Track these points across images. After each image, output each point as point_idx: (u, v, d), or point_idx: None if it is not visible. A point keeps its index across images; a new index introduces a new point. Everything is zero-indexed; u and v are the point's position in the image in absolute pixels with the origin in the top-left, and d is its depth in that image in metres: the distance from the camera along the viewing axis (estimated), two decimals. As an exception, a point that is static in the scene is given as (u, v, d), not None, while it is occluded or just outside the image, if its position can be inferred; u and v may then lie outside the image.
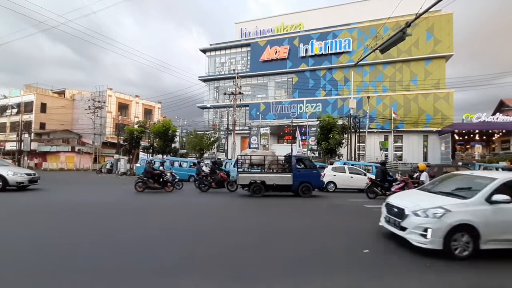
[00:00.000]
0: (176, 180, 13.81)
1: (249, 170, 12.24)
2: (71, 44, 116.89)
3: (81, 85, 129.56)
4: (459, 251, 4.34)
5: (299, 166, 12.26)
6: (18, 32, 50.59)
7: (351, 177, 14.53)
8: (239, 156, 12.89)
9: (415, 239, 4.53)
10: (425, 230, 4.41)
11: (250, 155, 12.69)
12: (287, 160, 12.74)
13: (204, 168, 15.37)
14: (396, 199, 5.48)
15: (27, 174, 11.98)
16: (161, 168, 13.27)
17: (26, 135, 39.49)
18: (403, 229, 4.74)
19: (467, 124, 30.05)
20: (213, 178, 13.39)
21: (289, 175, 11.84)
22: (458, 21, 36.07)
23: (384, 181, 11.24)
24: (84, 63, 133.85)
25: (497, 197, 4.43)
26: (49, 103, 44.26)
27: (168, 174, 13.08)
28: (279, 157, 12.94)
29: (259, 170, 12.34)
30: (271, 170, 12.36)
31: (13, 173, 11.43)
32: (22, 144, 38.19)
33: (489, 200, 4.48)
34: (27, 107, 43.75)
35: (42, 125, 43.60)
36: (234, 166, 20.76)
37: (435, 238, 4.33)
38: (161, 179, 12.62)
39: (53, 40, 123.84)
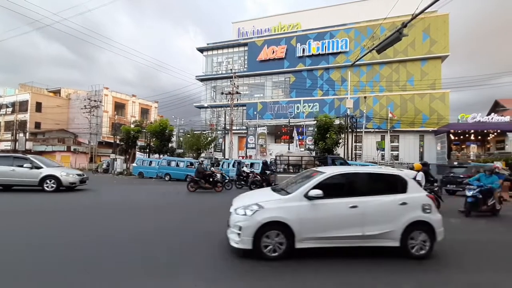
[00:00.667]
0: (226, 181, 14.38)
1: (288, 171, 12.76)
2: (67, 42, 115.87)
3: (77, 84, 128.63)
4: (270, 251, 3.99)
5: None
6: (12, 30, 50.05)
7: None
8: (277, 157, 13.20)
9: (232, 238, 4.17)
10: (240, 228, 4.07)
11: (288, 156, 13.19)
12: (322, 160, 13.16)
13: (244, 168, 15.97)
14: (237, 197, 5.09)
15: (78, 175, 12.40)
16: (212, 169, 13.92)
17: (21, 135, 39.14)
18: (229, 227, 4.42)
19: (463, 124, 30.31)
20: (264, 178, 13.98)
21: None
22: (454, 21, 36.36)
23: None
24: (80, 62, 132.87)
25: (311, 192, 4.14)
26: (44, 102, 43.86)
27: (218, 175, 13.61)
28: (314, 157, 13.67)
29: (295, 171, 12.87)
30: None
31: (66, 173, 11.85)
32: (17, 143, 37.83)
33: (306, 195, 4.18)
34: (22, 106, 43.31)
35: (37, 125, 43.20)
36: (233, 166, 20.71)
37: (245, 237, 3.98)
38: (211, 180, 13.09)
39: (49, 39, 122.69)
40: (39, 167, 11.55)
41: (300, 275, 3.59)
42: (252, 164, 20.04)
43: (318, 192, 4.13)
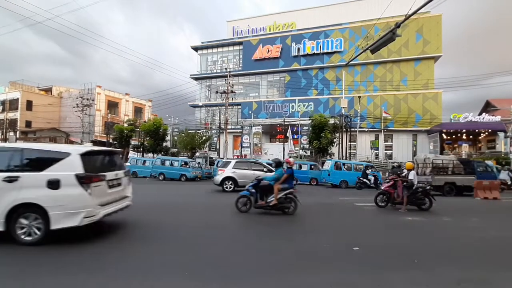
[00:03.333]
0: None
1: (441, 173, 14.13)
2: (59, 40, 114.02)
3: (69, 83, 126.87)
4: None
5: (479, 169, 14.46)
6: (2, 27, 48.92)
7: None
8: (425, 159, 14.56)
9: None
10: None
11: (442, 160, 14.70)
12: (467, 164, 14.85)
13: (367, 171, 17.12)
14: None
15: None
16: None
17: (11, 134, 38.43)
18: None
19: (455, 124, 30.76)
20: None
21: (473, 177, 13.99)
22: (447, 22, 36.84)
23: None
24: (72, 60, 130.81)
25: None
26: (35, 101, 43.03)
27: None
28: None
29: (445, 173, 14.22)
30: (456, 173, 14.22)
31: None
32: (7, 142, 37.15)
33: None
34: (12, 104, 42.44)
35: (28, 123, 42.38)
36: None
37: None
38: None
39: (40, 36, 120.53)
40: (272, 171, 12.99)
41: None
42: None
43: None
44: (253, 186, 7.67)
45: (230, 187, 13.13)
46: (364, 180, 16.91)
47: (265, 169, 13.26)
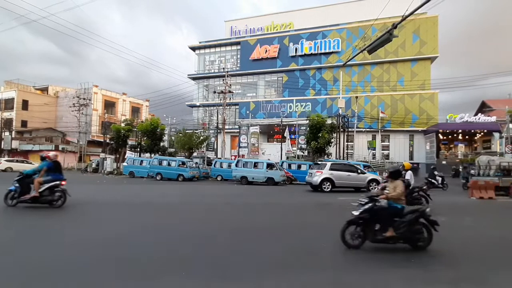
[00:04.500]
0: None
1: (501, 174, 14.33)
2: (55, 39, 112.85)
3: (65, 82, 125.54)
4: None
5: None
6: (-3, 26, 48.37)
7: None
8: (503, 163, 14.64)
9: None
10: None
11: (508, 162, 14.87)
12: None
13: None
14: None
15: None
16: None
17: (7, 133, 38.09)
18: None
19: (451, 124, 30.98)
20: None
21: None
22: (443, 23, 37.10)
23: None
24: (68, 59, 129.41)
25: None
26: (31, 100, 42.68)
27: None
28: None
29: (501, 174, 14.48)
30: None
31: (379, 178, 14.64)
32: (3, 142, 36.81)
33: None
34: (7, 104, 42.04)
35: (24, 123, 42.02)
36: (236, 166, 20.39)
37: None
38: None
39: (36, 35, 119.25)
40: (364, 173, 14.54)
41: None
42: (256, 164, 19.69)
43: None
44: (17, 181, 7.48)
45: (328, 188, 13.93)
46: (432, 180, 16.25)
47: (358, 171, 14.26)
